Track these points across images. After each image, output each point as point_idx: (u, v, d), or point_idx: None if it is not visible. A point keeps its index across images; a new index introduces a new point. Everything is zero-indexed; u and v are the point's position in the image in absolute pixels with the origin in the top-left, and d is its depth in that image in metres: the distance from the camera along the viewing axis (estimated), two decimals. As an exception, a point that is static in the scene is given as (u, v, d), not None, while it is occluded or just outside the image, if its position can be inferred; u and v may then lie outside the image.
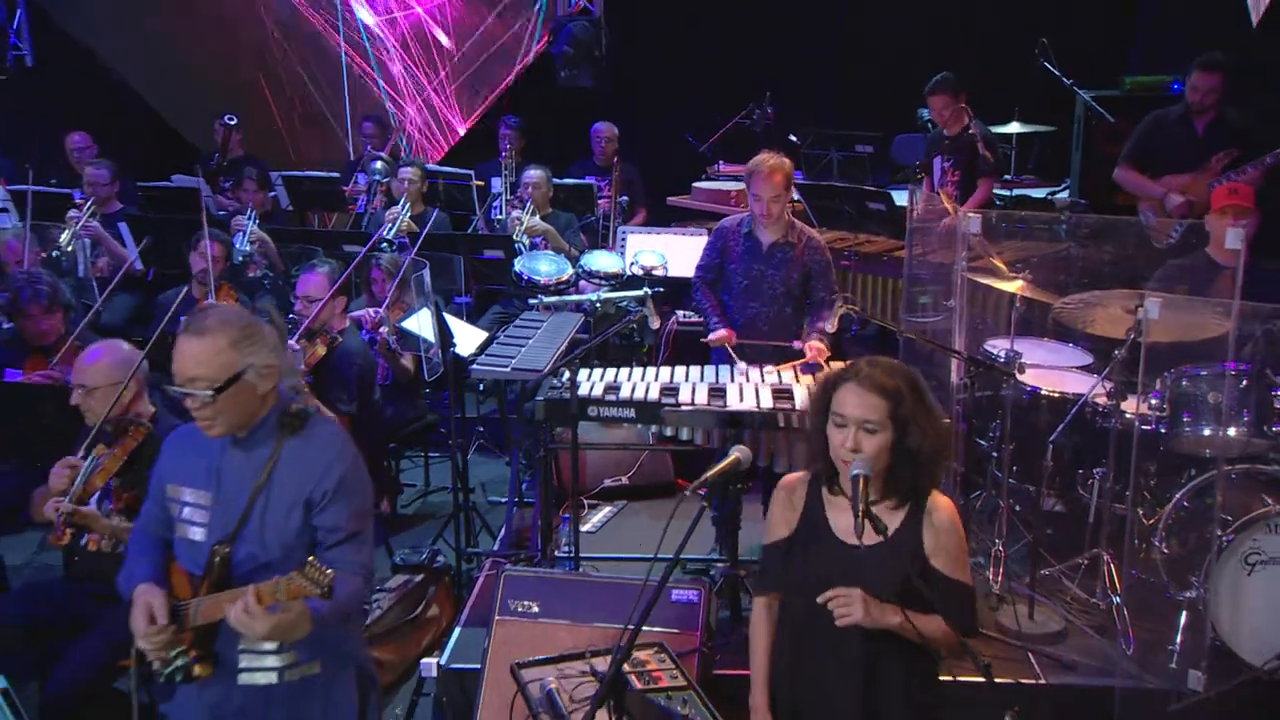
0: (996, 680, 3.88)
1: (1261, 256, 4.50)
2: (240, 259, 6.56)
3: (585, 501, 5.45)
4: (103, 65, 10.06)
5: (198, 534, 2.72)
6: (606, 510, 5.62)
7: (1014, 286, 4.59)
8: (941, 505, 2.68)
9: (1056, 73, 7.02)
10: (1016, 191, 7.33)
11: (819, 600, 2.58)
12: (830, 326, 4.47)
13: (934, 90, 6.56)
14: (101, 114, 9.21)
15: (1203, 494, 4.31)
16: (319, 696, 2.81)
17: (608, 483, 5.73)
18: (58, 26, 10.07)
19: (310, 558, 2.47)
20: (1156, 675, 4.12)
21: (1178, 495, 4.37)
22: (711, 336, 4.89)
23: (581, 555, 4.52)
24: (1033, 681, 4.12)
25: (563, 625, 3.83)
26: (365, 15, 10.02)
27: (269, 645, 2.67)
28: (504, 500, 5.72)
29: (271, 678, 2.72)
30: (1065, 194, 7.73)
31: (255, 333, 2.69)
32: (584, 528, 5.00)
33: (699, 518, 2.65)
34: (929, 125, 7.20)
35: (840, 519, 2.69)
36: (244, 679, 2.72)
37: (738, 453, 2.69)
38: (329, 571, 2.44)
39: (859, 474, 2.54)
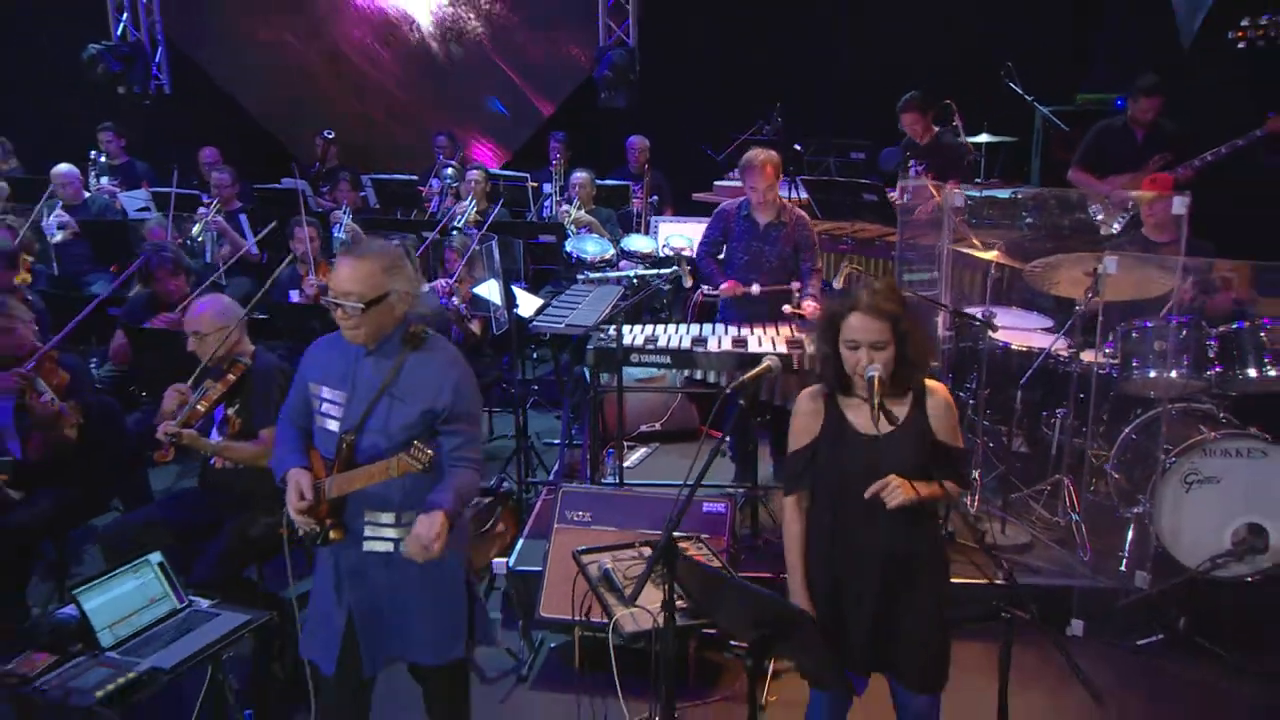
0: (977, 582, 3.90)
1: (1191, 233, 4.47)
2: (337, 246, 6.61)
3: (625, 443, 5.44)
4: (224, 91, 10.13)
5: (333, 425, 2.77)
6: (642, 451, 5.60)
7: (990, 255, 4.56)
8: (937, 389, 2.67)
9: (1019, 90, 6.96)
10: (985, 192, 7.25)
11: (866, 495, 2.54)
12: (837, 284, 4.44)
13: (904, 108, 6.45)
14: (223, 130, 9.26)
15: (1148, 429, 4.28)
16: (432, 564, 2.81)
17: (643, 428, 5.70)
18: (190, 60, 10.16)
19: (415, 440, 2.53)
20: (1109, 577, 4.12)
21: (1127, 430, 4.35)
22: (723, 286, 4.79)
23: (623, 483, 4.53)
24: (1004, 583, 4.08)
25: (612, 531, 3.84)
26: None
27: (387, 518, 2.74)
28: (557, 442, 5.72)
29: (389, 546, 2.76)
30: (1027, 194, 7.67)
31: (401, 264, 2.76)
32: (624, 464, 4.99)
33: (718, 448, 2.67)
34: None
35: (859, 418, 2.65)
36: (367, 545, 2.77)
37: (769, 360, 2.67)
38: (429, 451, 2.54)
39: (873, 375, 2.51)
